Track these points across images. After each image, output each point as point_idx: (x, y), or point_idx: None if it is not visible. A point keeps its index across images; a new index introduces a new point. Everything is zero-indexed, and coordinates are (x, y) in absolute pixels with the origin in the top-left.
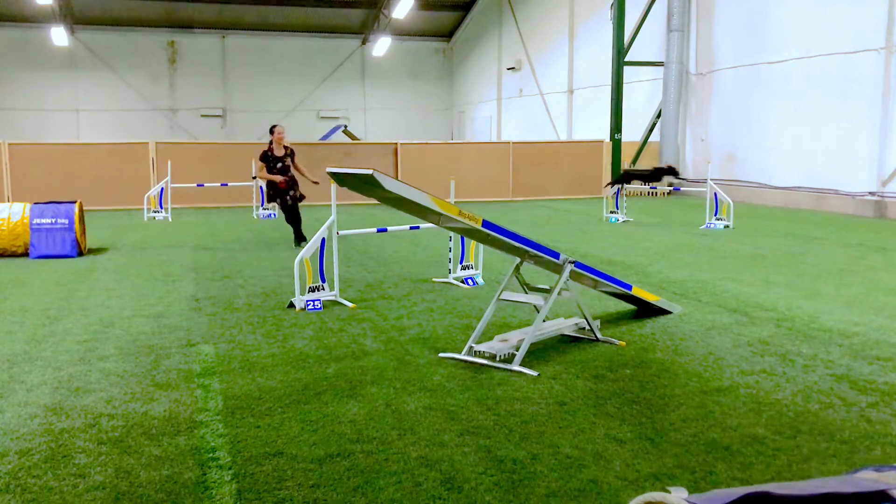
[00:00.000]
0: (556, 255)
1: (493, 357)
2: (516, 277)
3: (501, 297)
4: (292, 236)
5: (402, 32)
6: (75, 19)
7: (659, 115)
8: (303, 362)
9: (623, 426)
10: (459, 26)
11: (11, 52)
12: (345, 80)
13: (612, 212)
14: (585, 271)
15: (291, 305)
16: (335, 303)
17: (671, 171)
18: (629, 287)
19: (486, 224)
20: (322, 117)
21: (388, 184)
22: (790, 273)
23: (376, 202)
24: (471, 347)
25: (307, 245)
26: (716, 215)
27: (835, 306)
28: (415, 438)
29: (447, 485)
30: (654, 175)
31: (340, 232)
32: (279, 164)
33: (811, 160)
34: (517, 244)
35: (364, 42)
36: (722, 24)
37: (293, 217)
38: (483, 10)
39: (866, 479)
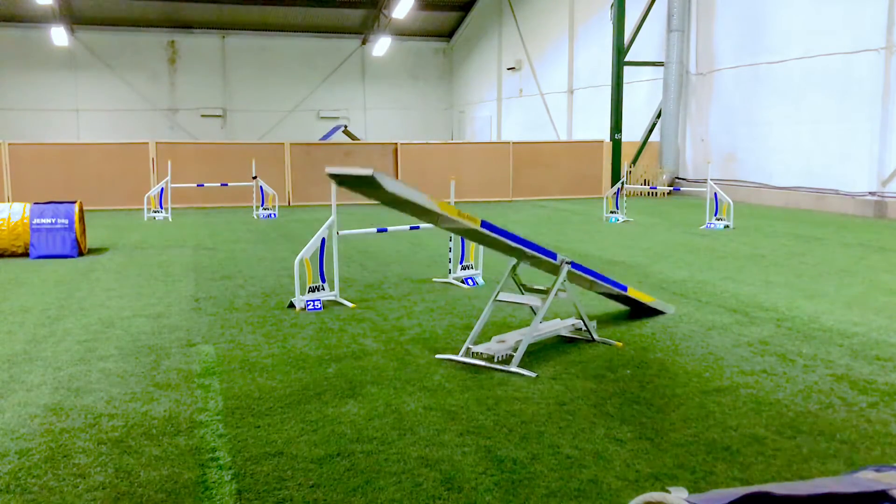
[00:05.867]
0: (554, 256)
1: (490, 358)
2: (513, 278)
3: (498, 298)
4: (291, 236)
5: (402, 32)
6: (75, 19)
7: (659, 115)
8: (303, 362)
9: (623, 426)
10: (459, 26)
11: (11, 52)
12: (345, 80)
13: (611, 212)
14: (581, 272)
15: (291, 305)
16: (335, 303)
17: None
18: (624, 288)
19: (484, 224)
20: (322, 117)
21: (389, 184)
22: (790, 273)
23: (376, 202)
24: (468, 349)
25: (307, 245)
26: (716, 215)
27: (835, 306)
28: (415, 438)
29: (447, 485)
30: None
31: (340, 232)
32: None
33: (811, 160)
34: (515, 245)
35: (364, 42)
36: (722, 24)
37: None
38: (483, 10)
39: (866, 479)
